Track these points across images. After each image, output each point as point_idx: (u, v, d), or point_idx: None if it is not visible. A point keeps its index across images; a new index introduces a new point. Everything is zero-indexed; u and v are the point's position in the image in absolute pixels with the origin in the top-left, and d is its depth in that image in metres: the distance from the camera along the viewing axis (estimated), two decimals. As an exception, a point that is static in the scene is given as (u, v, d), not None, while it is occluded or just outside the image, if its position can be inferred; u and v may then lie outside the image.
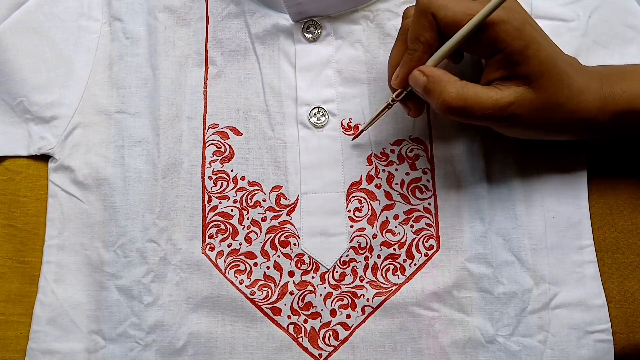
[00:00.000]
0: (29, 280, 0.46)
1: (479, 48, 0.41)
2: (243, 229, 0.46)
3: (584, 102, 0.41)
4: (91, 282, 0.46)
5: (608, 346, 0.45)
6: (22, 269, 0.47)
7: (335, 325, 0.45)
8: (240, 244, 0.46)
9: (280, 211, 0.47)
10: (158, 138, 0.47)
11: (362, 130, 0.47)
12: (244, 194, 0.47)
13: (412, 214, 0.46)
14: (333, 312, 0.45)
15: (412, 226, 0.46)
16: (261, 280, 0.46)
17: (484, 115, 0.40)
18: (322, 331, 0.45)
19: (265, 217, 0.47)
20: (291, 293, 0.45)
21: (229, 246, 0.46)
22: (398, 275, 0.45)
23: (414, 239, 0.46)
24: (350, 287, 0.45)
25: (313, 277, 0.46)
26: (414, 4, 0.49)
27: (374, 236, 0.46)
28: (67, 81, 0.48)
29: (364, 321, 0.45)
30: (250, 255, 0.46)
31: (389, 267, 0.46)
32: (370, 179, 0.47)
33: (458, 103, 0.40)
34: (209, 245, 0.46)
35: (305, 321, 0.45)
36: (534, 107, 0.40)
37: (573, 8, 0.49)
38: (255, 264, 0.46)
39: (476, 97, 0.40)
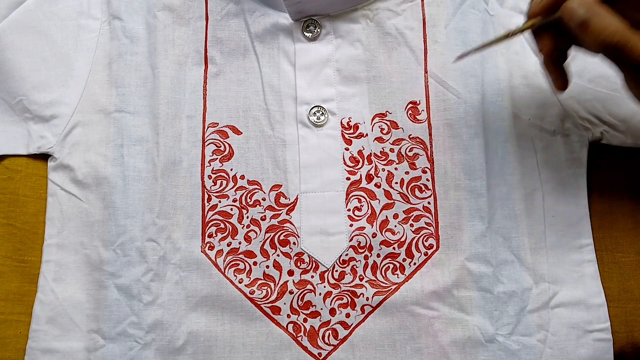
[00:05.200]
0: (29, 279, 0.46)
1: None
2: (242, 228, 0.46)
3: None
4: (91, 281, 0.46)
5: (607, 345, 0.45)
6: (21, 268, 0.47)
7: (335, 324, 0.45)
8: (239, 243, 0.46)
9: (280, 210, 0.47)
10: (157, 137, 0.47)
11: (467, 53, 0.43)
12: (243, 193, 0.47)
13: (412, 213, 0.46)
14: (332, 311, 0.45)
15: (411, 225, 0.46)
16: (261, 279, 0.46)
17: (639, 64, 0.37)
18: (322, 330, 0.45)
19: (265, 216, 0.47)
20: (291, 292, 0.45)
21: (228, 245, 0.46)
22: (398, 275, 0.45)
23: (414, 238, 0.46)
24: (350, 286, 0.45)
25: (312, 276, 0.46)
26: (412, 3, 0.49)
27: (374, 235, 0.46)
28: (66, 80, 0.48)
29: (363, 320, 0.45)
30: (250, 254, 0.46)
31: (389, 266, 0.46)
32: (369, 178, 0.47)
33: (620, 40, 0.36)
34: (208, 244, 0.46)
35: (305, 320, 0.45)
36: None
37: (573, 7, 0.49)
38: (255, 263, 0.46)
39: (638, 43, 0.36)
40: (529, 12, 0.40)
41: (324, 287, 0.45)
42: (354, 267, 0.46)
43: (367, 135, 0.48)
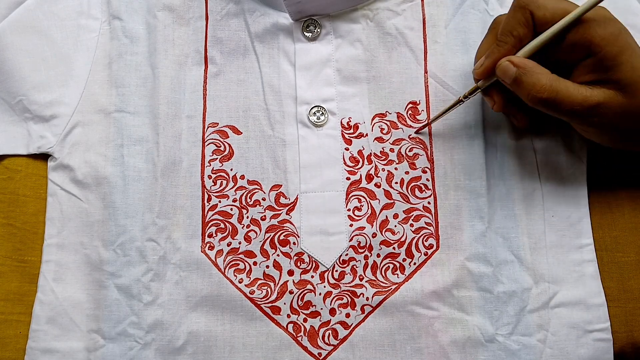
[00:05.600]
0: (29, 279, 0.46)
1: (570, 50, 0.40)
2: (242, 227, 0.46)
3: None
4: (90, 281, 0.46)
5: (607, 345, 0.45)
6: (21, 268, 0.47)
7: (335, 324, 0.45)
8: (239, 243, 0.46)
9: (280, 210, 0.47)
10: (157, 137, 0.47)
11: (426, 124, 0.47)
12: (243, 193, 0.47)
13: (412, 213, 0.46)
14: (332, 311, 0.45)
15: (411, 225, 0.46)
16: (261, 279, 0.46)
17: (572, 111, 0.40)
18: (322, 330, 0.45)
19: (265, 216, 0.47)
20: (290, 292, 0.45)
21: (228, 245, 0.46)
22: (398, 274, 0.45)
23: (414, 237, 0.46)
24: (350, 286, 0.45)
25: (312, 276, 0.46)
26: (411, 3, 0.49)
27: (374, 235, 0.46)
28: (66, 80, 0.48)
29: (363, 320, 0.45)
30: (250, 254, 0.46)
31: (389, 266, 0.46)
32: (369, 177, 0.47)
33: (549, 95, 0.40)
34: (208, 244, 0.46)
35: (305, 320, 0.45)
36: (622, 111, 0.40)
37: (573, 7, 0.50)
38: (255, 263, 0.46)
39: (567, 92, 0.40)
40: (473, 76, 0.44)
41: (324, 287, 0.45)
42: (354, 267, 0.46)
43: (367, 135, 0.48)
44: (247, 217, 0.46)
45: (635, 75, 0.39)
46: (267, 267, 0.46)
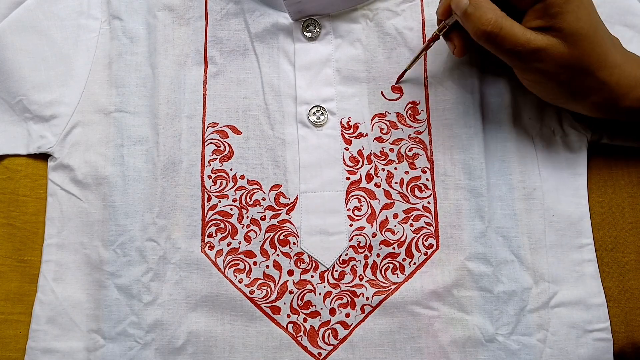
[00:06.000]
0: (29, 279, 0.46)
1: None
2: (242, 227, 0.46)
3: (617, 76, 0.41)
4: (90, 281, 0.46)
5: (607, 345, 0.45)
6: (21, 268, 0.47)
7: (335, 324, 0.45)
8: (239, 243, 0.46)
9: (280, 210, 0.47)
10: (157, 137, 0.47)
11: (405, 70, 0.48)
12: (243, 193, 0.47)
13: (412, 213, 0.46)
14: (332, 311, 0.45)
15: (411, 225, 0.46)
16: (260, 279, 0.46)
17: (513, 50, 0.41)
18: (322, 330, 0.45)
19: (265, 216, 0.47)
20: (290, 292, 0.45)
21: (228, 245, 0.46)
22: (397, 274, 0.45)
23: (414, 237, 0.46)
24: (350, 286, 0.45)
25: (312, 276, 0.46)
26: (411, 3, 0.49)
27: (374, 235, 0.46)
28: (66, 80, 0.48)
29: (363, 320, 0.45)
30: (250, 254, 0.46)
31: (389, 266, 0.46)
32: (369, 177, 0.47)
33: (493, 30, 0.40)
34: (208, 244, 0.46)
35: (305, 320, 0.45)
36: (563, 60, 0.41)
37: (573, 7, 0.50)
38: (255, 263, 0.46)
39: (511, 30, 0.40)
40: (437, 17, 0.45)
41: (324, 287, 0.45)
42: (354, 266, 0.46)
43: (366, 135, 0.48)
44: (247, 217, 0.46)
45: (578, 26, 0.40)
46: (267, 267, 0.46)
